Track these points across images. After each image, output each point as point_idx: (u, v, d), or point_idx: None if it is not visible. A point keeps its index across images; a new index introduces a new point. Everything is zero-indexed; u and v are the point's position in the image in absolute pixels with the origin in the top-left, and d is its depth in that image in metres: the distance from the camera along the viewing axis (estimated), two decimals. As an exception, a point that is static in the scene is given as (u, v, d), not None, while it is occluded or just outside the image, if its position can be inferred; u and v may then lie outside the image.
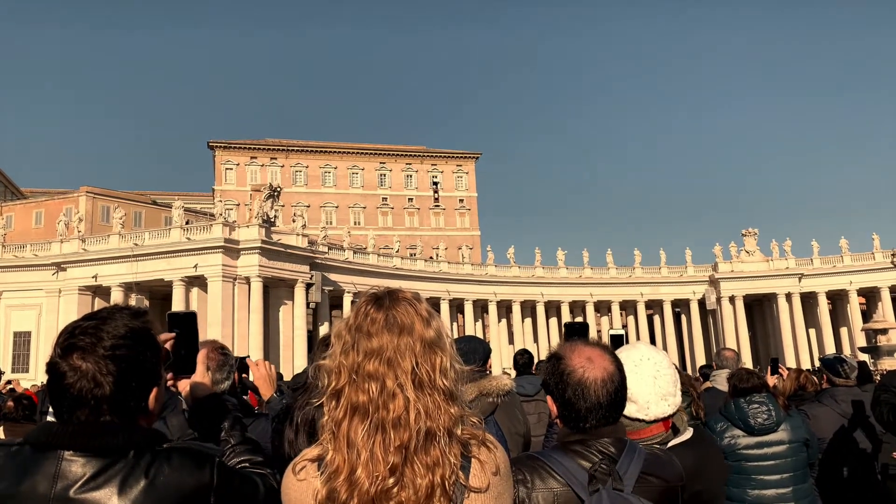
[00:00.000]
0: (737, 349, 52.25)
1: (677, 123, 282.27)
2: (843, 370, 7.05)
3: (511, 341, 71.20)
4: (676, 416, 3.17)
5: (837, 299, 75.25)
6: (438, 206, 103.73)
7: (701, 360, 67.31)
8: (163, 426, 2.77)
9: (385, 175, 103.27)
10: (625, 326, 73.03)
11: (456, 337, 3.28)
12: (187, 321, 2.57)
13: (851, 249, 74.57)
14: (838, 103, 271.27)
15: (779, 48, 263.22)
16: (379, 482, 1.78)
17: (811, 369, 20.95)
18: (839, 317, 74.82)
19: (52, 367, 1.93)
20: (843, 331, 73.28)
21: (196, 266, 48.90)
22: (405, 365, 1.87)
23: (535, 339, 70.00)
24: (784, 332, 72.41)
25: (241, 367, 4.31)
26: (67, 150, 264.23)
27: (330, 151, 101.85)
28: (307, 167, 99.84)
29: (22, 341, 53.58)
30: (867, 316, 70.42)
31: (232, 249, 49.75)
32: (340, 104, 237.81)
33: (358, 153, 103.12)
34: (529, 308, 72.62)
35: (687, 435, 3.24)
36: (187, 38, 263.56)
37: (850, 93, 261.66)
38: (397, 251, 68.45)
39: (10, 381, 26.67)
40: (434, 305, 59.90)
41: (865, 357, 40.35)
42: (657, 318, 77.89)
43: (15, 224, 72.38)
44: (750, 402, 5.35)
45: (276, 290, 53.12)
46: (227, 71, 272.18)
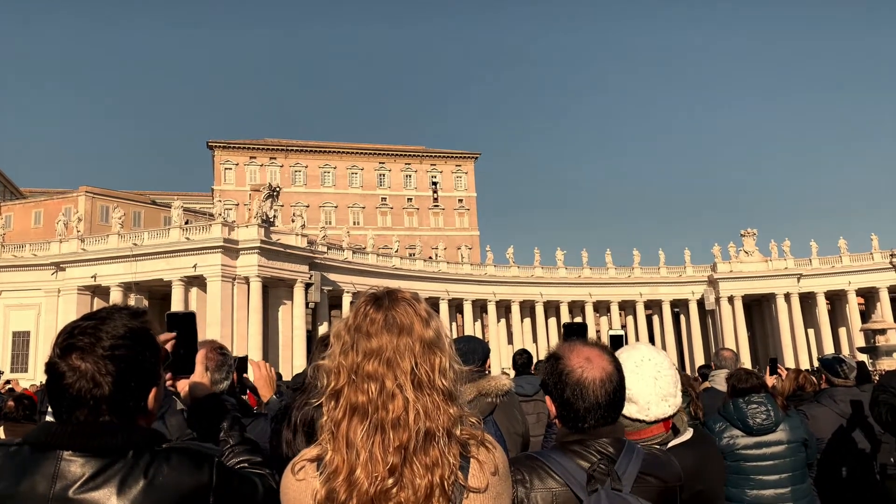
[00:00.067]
0: (735, 349, 52.45)
1: (676, 123, 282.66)
2: (841, 370, 7.04)
3: (510, 341, 71.20)
4: (677, 416, 3.17)
5: (836, 299, 75.30)
6: (437, 205, 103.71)
7: (700, 360, 67.32)
8: (162, 426, 2.77)
9: (384, 175, 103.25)
10: (624, 326, 73.03)
11: (455, 337, 3.28)
12: (186, 321, 2.57)
13: (850, 250, 74.66)
14: (837, 103, 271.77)
15: (778, 48, 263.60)
16: (378, 482, 1.79)
17: (810, 369, 20.94)
18: (838, 317, 74.86)
19: (51, 367, 1.93)
20: (842, 331, 73.30)
21: (195, 266, 48.89)
22: (404, 365, 1.87)
23: (535, 339, 70.00)
24: (783, 333, 72.46)
25: (240, 366, 4.31)
26: (66, 150, 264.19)
27: (329, 151, 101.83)
28: (306, 167, 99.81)
29: (21, 341, 53.56)
30: (866, 316, 70.50)
31: (231, 249, 49.73)
32: (340, 104, 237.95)
33: (357, 153, 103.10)
34: (528, 308, 72.62)
35: (687, 435, 3.24)
36: (186, 38, 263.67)
37: (850, 93, 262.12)
38: (396, 251, 68.43)
39: (8, 381, 26.65)
40: (433, 305, 59.83)
41: (864, 357, 40.35)
42: (656, 319, 77.91)
43: (14, 224, 72.34)
44: (749, 403, 5.34)
45: (275, 290, 53.11)
46: (227, 71, 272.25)
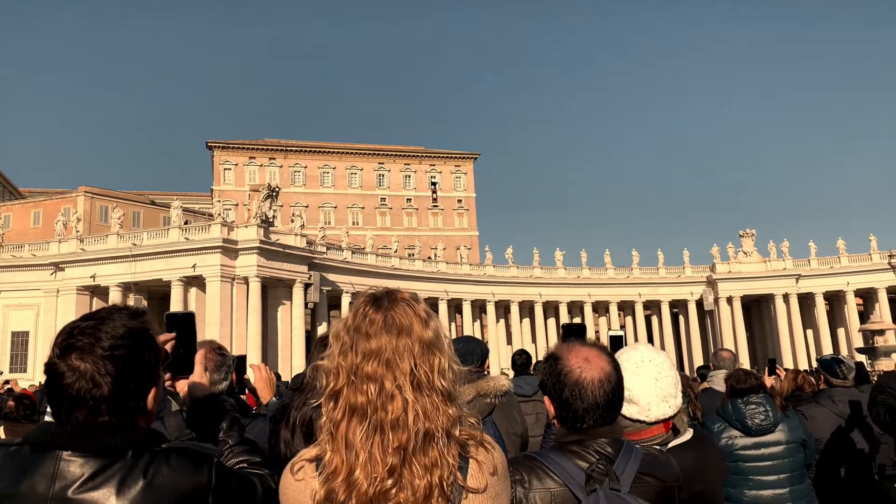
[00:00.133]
0: (734, 350, 52.43)
1: (675, 124, 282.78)
2: (840, 371, 7.03)
3: (509, 341, 71.19)
4: (677, 417, 3.17)
5: (835, 300, 75.32)
6: (437, 206, 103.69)
7: (699, 360, 67.30)
8: (161, 426, 2.78)
9: (383, 175, 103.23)
10: (623, 327, 73.03)
11: (454, 337, 3.28)
12: (185, 321, 2.57)
13: (849, 250, 74.66)
14: (837, 103, 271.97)
15: (778, 48, 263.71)
16: (377, 483, 1.79)
17: (808, 370, 20.98)
18: (836, 318, 74.88)
19: (50, 367, 1.93)
20: (841, 331, 73.32)
21: (194, 266, 48.83)
22: (403, 366, 1.87)
23: (534, 340, 69.98)
24: (781, 333, 72.47)
25: (239, 366, 4.30)
26: (66, 150, 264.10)
27: (328, 152, 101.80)
28: (306, 167, 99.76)
29: (20, 341, 53.47)
30: (864, 317, 70.49)
31: (230, 249, 49.67)
32: (339, 104, 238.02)
33: (356, 153, 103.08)
34: (528, 308, 72.61)
35: (687, 436, 3.24)
36: (186, 37, 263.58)
37: (849, 93, 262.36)
38: (395, 251, 68.37)
39: (7, 381, 26.63)
40: (432, 306, 59.64)
41: (862, 358, 40.37)
42: (655, 319, 77.90)
43: (13, 224, 72.33)
44: (747, 403, 5.33)
45: (274, 291, 53.06)
46: (226, 71, 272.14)
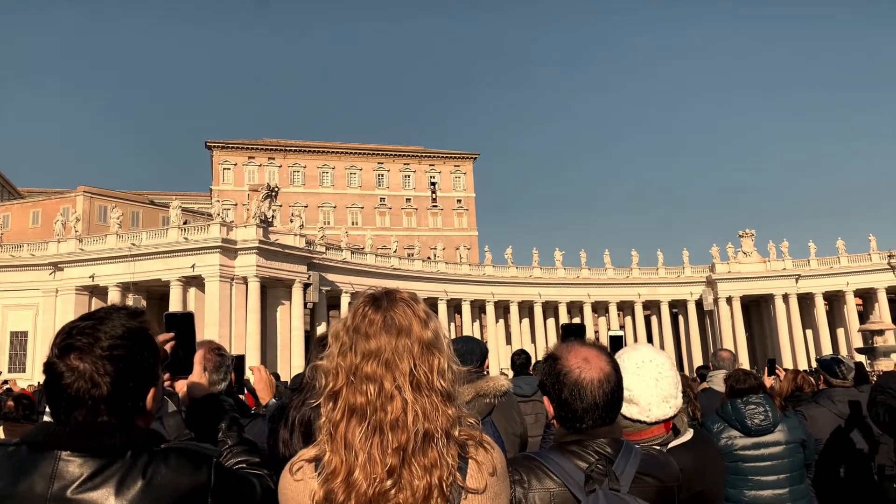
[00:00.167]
0: (734, 350, 52.39)
1: (675, 124, 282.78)
2: (840, 371, 7.03)
3: (509, 341, 71.20)
4: (677, 417, 3.17)
5: (834, 300, 75.37)
6: (436, 206, 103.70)
7: (698, 360, 67.34)
8: (159, 426, 2.77)
9: (383, 175, 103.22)
10: (622, 327, 73.04)
11: (453, 337, 3.28)
12: (185, 321, 2.57)
13: (848, 250, 74.68)
14: (836, 103, 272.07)
15: (777, 48, 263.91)
16: (377, 484, 1.79)
17: (808, 370, 21.00)
18: (836, 318, 74.93)
19: (49, 367, 1.92)
20: (840, 332, 73.38)
21: (193, 266, 48.83)
22: (403, 367, 1.87)
23: (533, 340, 69.99)
24: (781, 333, 72.52)
25: (237, 365, 4.31)
26: (65, 150, 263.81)
27: (328, 151, 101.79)
28: (305, 167, 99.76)
29: (18, 341, 53.47)
30: (864, 317, 70.53)
31: (229, 249, 49.66)
32: (338, 104, 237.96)
33: (356, 153, 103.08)
34: (527, 308, 72.64)
35: (687, 436, 3.24)
36: (185, 37, 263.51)
37: (848, 93, 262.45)
38: (395, 251, 68.37)
39: (6, 381, 26.64)
40: (431, 306, 59.63)
41: (862, 358, 40.40)
42: (654, 319, 77.92)
43: (12, 224, 72.30)
44: (747, 403, 5.33)
45: (273, 291, 53.05)
46: (225, 70, 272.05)
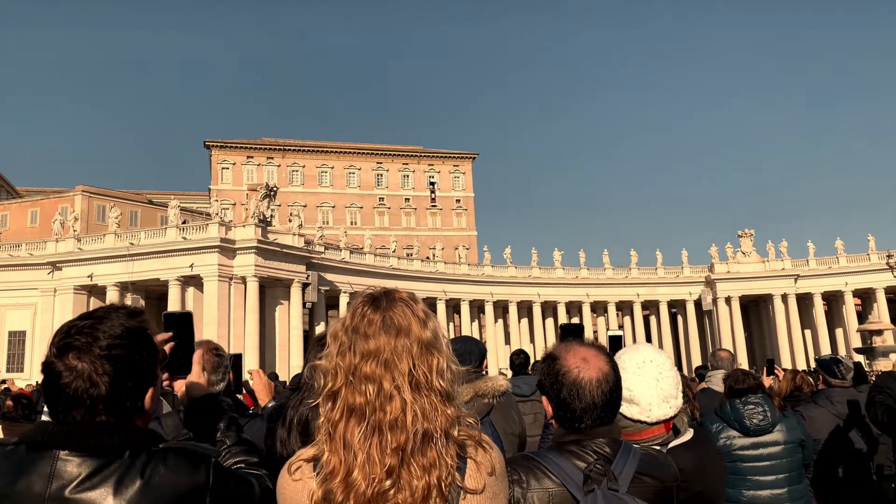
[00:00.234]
0: (733, 350, 52.45)
1: (674, 124, 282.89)
2: (839, 371, 7.04)
3: (507, 341, 71.23)
4: (677, 417, 3.17)
5: (833, 300, 75.46)
6: (435, 206, 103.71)
7: (697, 360, 67.39)
8: (158, 426, 2.77)
9: (382, 175, 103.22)
10: (621, 327, 73.06)
11: (452, 337, 3.28)
12: (183, 321, 2.57)
13: (847, 251, 74.79)
14: (836, 104, 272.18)
15: (777, 48, 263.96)
16: (375, 484, 1.78)
17: (807, 370, 21.00)
18: (835, 318, 75.03)
19: (47, 366, 1.92)
20: (839, 332, 73.48)
21: (192, 266, 48.82)
22: (402, 367, 1.87)
23: (532, 340, 70.02)
24: (780, 333, 72.61)
25: (235, 364, 4.31)
26: (63, 150, 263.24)
27: (327, 151, 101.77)
28: (304, 167, 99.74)
29: (17, 341, 53.49)
30: (862, 317, 70.67)
31: (228, 249, 49.65)
32: (337, 104, 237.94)
33: (355, 153, 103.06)
34: (526, 308, 72.68)
35: (687, 436, 3.24)
36: (184, 37, 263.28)
37: (848, 93, 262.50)
38: (394, 251, 68.37)
39: (4, 381, 26.63)
40: (430, 306, 59.49)
41: (861, 358, 40.46)
42: (653, 319, 77.98)
43: (10, 223, 72.26)
44: (745, 403, 5.34)
45: (272, 290, 53.04)
46: (224, 70, 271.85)
